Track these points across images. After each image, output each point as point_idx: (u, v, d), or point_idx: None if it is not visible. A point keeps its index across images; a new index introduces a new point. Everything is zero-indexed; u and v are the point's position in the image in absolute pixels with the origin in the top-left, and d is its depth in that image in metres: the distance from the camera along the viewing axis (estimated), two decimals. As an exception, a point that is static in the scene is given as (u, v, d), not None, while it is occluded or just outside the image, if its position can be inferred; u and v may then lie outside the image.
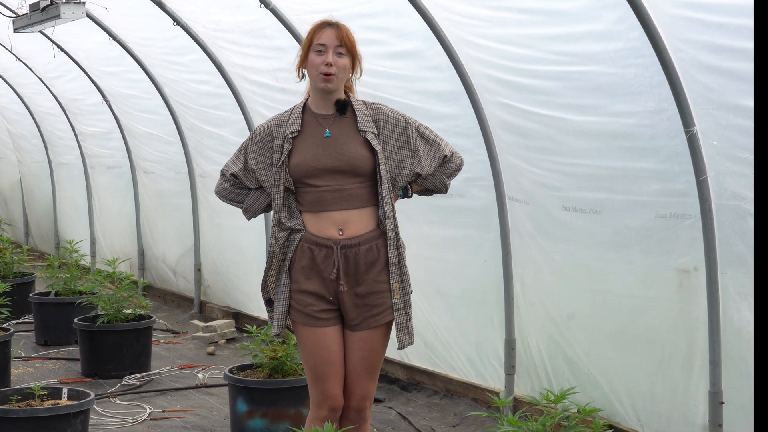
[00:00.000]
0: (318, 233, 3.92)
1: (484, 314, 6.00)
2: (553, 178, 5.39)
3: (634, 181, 4.96)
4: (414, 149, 3.99)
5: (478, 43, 5.47)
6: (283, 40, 6.82)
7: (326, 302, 3.94)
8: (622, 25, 4.67)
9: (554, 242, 5.48)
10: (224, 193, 4.16)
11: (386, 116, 3.98)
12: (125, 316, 7.14)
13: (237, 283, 8.66)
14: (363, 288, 3.92)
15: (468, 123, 5.77)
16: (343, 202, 3.90)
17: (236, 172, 4.08)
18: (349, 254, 3.91)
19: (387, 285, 3.95)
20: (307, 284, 3.94)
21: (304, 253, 3.93)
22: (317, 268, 3.92)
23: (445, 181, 4.12)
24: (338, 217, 3.90)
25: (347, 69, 3.91)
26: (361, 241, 3.91)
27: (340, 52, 3.87)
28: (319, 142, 3.93)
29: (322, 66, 3.86)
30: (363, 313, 3.94)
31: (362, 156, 3.90)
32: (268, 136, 3.99)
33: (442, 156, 4.05)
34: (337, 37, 3.87)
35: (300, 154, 3.92)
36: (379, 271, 3.94)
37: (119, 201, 10.58)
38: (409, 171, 3.99)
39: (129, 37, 8.60)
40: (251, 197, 4.10)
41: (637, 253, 5.02)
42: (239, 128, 7.93)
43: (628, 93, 4.81)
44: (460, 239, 6.14)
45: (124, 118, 9.85)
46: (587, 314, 5.35)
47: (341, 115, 3.95)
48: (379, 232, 3.94)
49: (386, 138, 3.96)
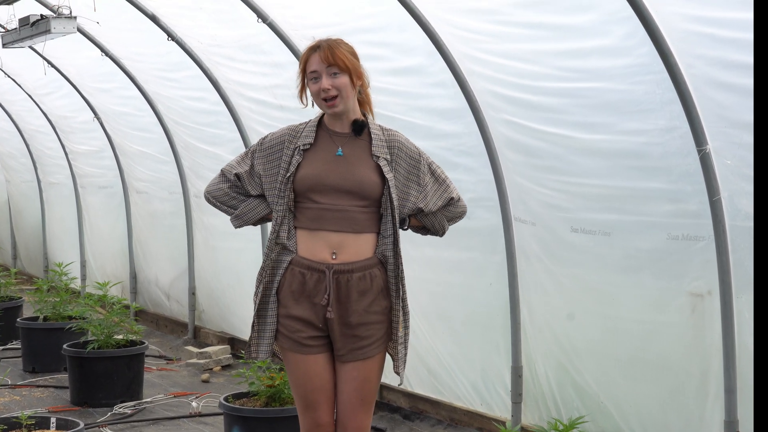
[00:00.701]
0: (310, 256, 3.92)
1: (490, 340, 6.00)
2: (560, 199, 5.40)
3: (645, 201, 4.97)
4: (422, 184, 4.03)
5: (482, 59, 5.51)
6: (281, 55, 6.86)
7: (315, 329, 3.93)
8: (631, 40, 4.70)
9: (562, 265, 5.49)
10: (218, 194, 4.09)
11: (402, 145, 4.01)
12: (116, 342, 7.14)
13: (233, 308, 8.66)
14: (353, 318, 3.91)
15: (472, 141, 5.79)
16: (341, 223, 3.91)
17: (241, 174, 4.03)
18: (341, 280, 3.90)
19: (379, 317, 3.95)
20: (296, 309, 3.93)
21: (294, 277, 3.93)
22: (308, 293, 3.92)
23: (444, 224, 4.15)
24: (334, 238, 3.91)
25: (348, 86, 3.91)
26: (355, 268, 3.91)
27: (334, 72, 3.88)
28: (329, 158, 3.95)
29: (321, 92, 3.89)
30: (350, 344, 3.93)
31: (371, 180, 3.92)
32: (279, 145, 4.00)
33: (448, 198, 4.08)
34: (325, 60, 3.88)
35: (308, 167, 3.93)
36: (371, 302, 3.93)
37: (111, 222, 10.59)
38: (413, 204, 4.02)
39: (122, 53, 8.65)
40: (248, 205, 4.06)
41: (648, 276, 5.03)
42: (235, 147, 7.96)
43: (638, 110, 4.83)
44: (464, 262, 6.15)
45: (117, 136, 9.89)
46: (597, 340, 5.36)
47: (356, 136, 3.98)
48: (375, 260, 3.94)
49: (397, 166, 3.98)
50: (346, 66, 3.89)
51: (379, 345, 3.96)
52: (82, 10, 7.42)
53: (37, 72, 9.71)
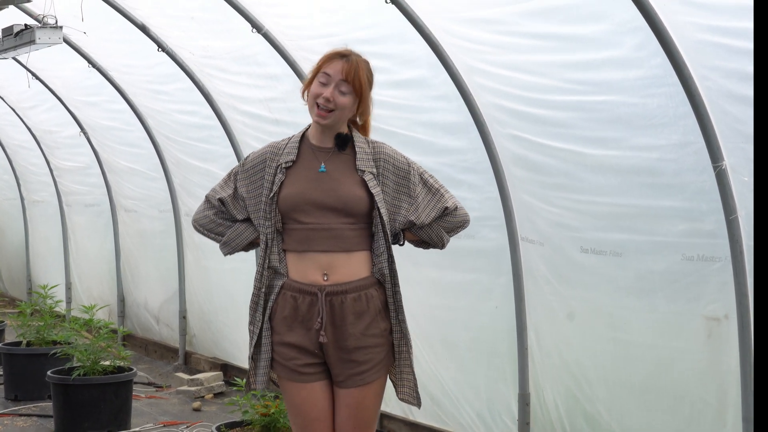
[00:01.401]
0: (301, 279, 3.90)
1: (496, 366, 5.99)
2: (570, 218, 5.40)
3: (658, 220, 4.97)
4: (413, 195, 3.99)
5: (488, 71, 5.51)
6: (276, 67, 6.87)
7: (311, 355, 3.92)
8: (643, 51, 4.70)
9: (572, 287, 5.48)
10: (204, 221, 4.12)
11: (388, 156, 3.99)
12: (103, 369, 7.12)
13: (226, 332, 8.65)
14: (350, 342, 3.89)
15: (477, 157, 5.79)
16: (329, 243, 3.88)
17: (225, 198, 4.05)
18: (335, 302, 3.88)
19: (378, 339, 3.92)
20: (289, 336, 3.92)
21: (286, 302, 3.92)
22: (301, 318, 3.90)
23: (442, 235, 4.09)
24: (323, 259, 3.89)
25: (347, 109, 3.90)
26: (348, 289, 3.89)
27: (342, 91, 3.86)
28: (312, 176, 3.94)
29: (320, 98, 3.87)
30: (348, 369, 3.91)
31: (356, 196, 3.90)
32: (261, 164, 4.00)
33: (442, 207, 4.03)
34: (343, 71, 3.85)
35: (291, 186, 3.93)
36: (368, 324, 3.91)
37: (98, 242, 10.59)
38: (404, 218, 3.98)
39: (109, 65, 8.67)
40: (235, 230, 4.07)
41: (661, 299, 5.02)
42: (228, 162, 7.96)
43: (650, 125, 4.84)
44: (468, 284, 6.14)
45: (104, 151, 9.89)
46: (608, 366, 5.34)
47: (340, 150, 3.97)
48: (371, 280, 3.93)
49: (385, 179, 3.96)
50: (358, 91, 3.87)
51: (379, 370, 3.94)
52: (69, 19, 7.44)
53: (20, 84, 9.71)
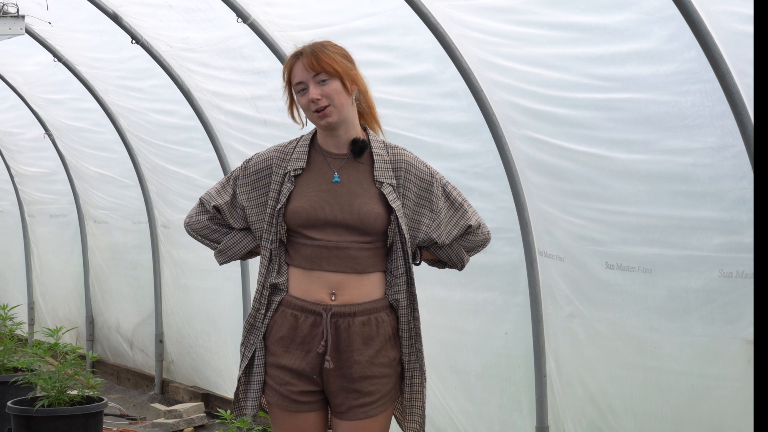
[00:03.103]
0: (305, 296, 3.89)
1: (511, 396, 5.99)
2: (593, 230, 5.40)
3: (693, 232, 4.97)
4: (435, 210, 3.99)
5: (501, 65, 5.52)
6: (264, 61, 6.88)
7: (308, 382, 3.90)
8: (675, 43, 4.71)
9: (596, 308, 5.48)
10: (197, 227, 4.11)
11: (410, 166, 3.98)
12: (70, 399, 7.11)
13: (207, 358, 8.65)
14: (355, 370, 3.88)
15: (489, 162, 5.80)
16: (341, 263, 3.87)
17: (220, 206, 4.03)
18: (341, 325, 3.87)
19: (386, 370, 3.92)
20: (286, 359, 3.90)
21: (285, 321, 3.90)
22: (300, 339, 3.89)
23: (463, 255, 4.11)
24: (333, 279, 3.88)
25: (340, 93, 3.87)
26: (357, 311, 3.88)
27: (322, 80, 3.85)
28: (325, 187, 3.91)
29: (311, 104, 3.85)
30: (351, 400, 3.90)
31: (374, 213, 3.88)
32: (266, 169, 3.97)
33: (466, 225, 4.04)
34: (309, 67, 3.85)
35: (301, 198, 3.90)
36: (376, 352, 3.90)
37: (64, 257, 10.58)
38: (425, 235, 3.98)
39: (77, 58, 8.67)
40: (231, 239, 4.06)
41: (696, 320, 5.02)
42: (211, 168, 7.97)
43: (683, 126, 4.84)
44: (480, 304, 6.14)
45: (71, 155, 9.90)
46: (637, 396, 5.34)
47: (356, 158, 3.95)
48: (383, 303, 3.92)
49: (406, 192, 3.95)
50: (335, 70, 3.85)
51: (385, 403, 3.94)
52: (32, 8, 7.46)
53: (-23, 81, 9.75)
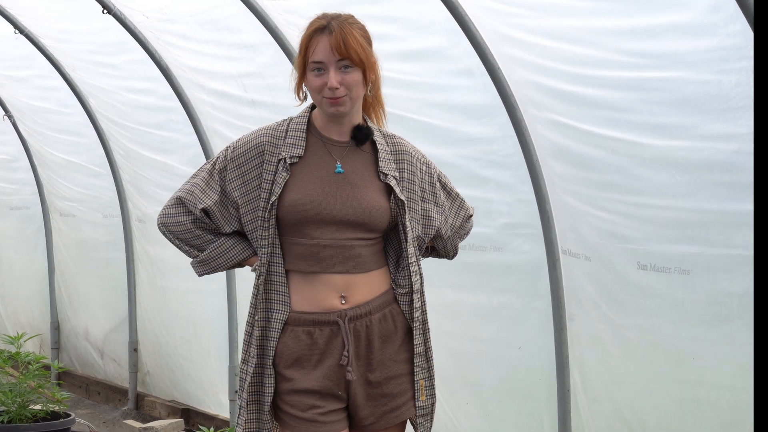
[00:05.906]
0: (313, 307, 3.89)
1: (530, 412, 6.00)
2: (624, 226, 5.41)
3: (736, 228, 4.97)
4: (440, 204, 4.08)
5: (521, 40, 5.52)
6: (253, 34, 6.88)
7: (335, 400, 3.91)
8: (718, 14, 4.71)
9: (626, 313, 5.49)
10: (177, 230, 4.00)
11: (411, 157, 4.03)
12: (33, 414, 7.13)
13: (188, 369, 8.65)
14: (378, 373, 3.92)
15: (507, 149, 5.80)
16: (346, 264, 3.89)
17: (209, 208, 3.95)
18: (360, 328, 3.89)
19: (408, 366, 3.99)
20: (305, 381, 3.88)
21: (298, 341, 3.88)
22: (318, 357, 3.88)
23: (457, 244, 4.27)
24: (339, 281, 3.90)
25: (359, 85, 3.88)
26: (372, 309, 3.91)
27: (345, 66, 3.84)
28: (326, 177, 3.91)
29: (326, 90, 3.83)
30: (381, 406, 3.94)
31: (380, 207, 3.91)
32: (257, 157, 3.92)
33: (466, 215, 4.21)
34: (336, 49, 3.82)
35: (298, 190, 3.88)
36: (396, 348, 3.96)
37: (26, 254, 10.60)
38: (435, 229, 4.07)
39: (41, 30, 8.68)
40: (220, 247, 4.00)
41: (740, 328, 5.02)
42: (192, 154, 7.97)
43: (726, 108, 4.84)
44: (496, 309, 6.15)
45: (34, 140, 9.91)
46: (673, 413, 5.35)
47: (358, 146, 3.97)
48: (391, 294, 3.96)
49: (411, 185, 4.00)
50: (360, 60, 3.85)
51: (412, 406, 4.02)
52: (-10, -27, 7.47)
53: (-72, 56, 9.76)
